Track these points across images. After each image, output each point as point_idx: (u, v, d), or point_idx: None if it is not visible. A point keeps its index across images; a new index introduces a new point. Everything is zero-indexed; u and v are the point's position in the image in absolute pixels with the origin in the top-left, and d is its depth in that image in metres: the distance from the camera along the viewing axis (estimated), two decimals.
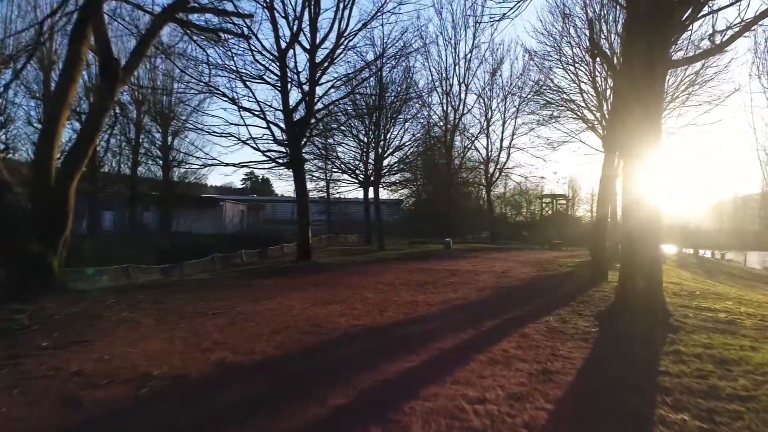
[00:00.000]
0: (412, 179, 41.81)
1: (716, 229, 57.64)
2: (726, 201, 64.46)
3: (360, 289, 10.97)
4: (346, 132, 29.74)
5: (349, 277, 13.37)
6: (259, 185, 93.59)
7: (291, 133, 18.50)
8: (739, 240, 48.93)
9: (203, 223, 48.25)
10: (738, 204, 61.04)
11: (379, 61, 19.74)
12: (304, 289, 10.85)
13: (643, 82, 7.87)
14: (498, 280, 13.33)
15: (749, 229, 57.77)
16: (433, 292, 10.73)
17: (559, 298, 10.36)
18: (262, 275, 14.05)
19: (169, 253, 29.96)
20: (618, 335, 6.67)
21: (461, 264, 17.94)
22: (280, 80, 18.34)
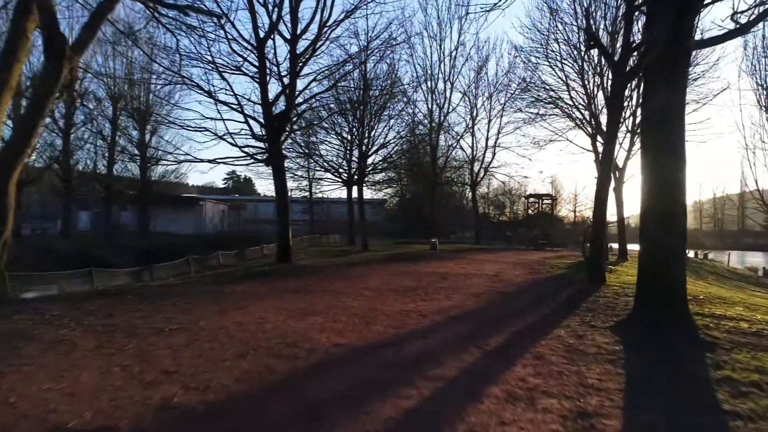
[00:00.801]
0: (396, 179, 40.71)
1: (695, 229, 57.78)
2: (705, 201, 64.77)
3: (343, 296, 9.79)
4: (329, 129, 28.53)
5: (332, 281, 12.18)
6: (242, 185, 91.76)
7: (270, 128, 17.22)
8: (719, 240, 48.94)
9: (182, 223, 46.69)
10: (717, 204, 61.29)
11: (363, 54, 18.56)
12: (280, 296, 9.63)
13: (669, 60, 6.85)
14: (492, 284, 12.26)
15: (728, 229, 58.07)
16: (424, 299, 9.60)
17: (563, 306, 9.34)
18: (237, 280, 12.78)
19: (146, 254, 28.49)
20: (649, 356, 5.60)
21: (450, 266, 16.85)
22: (258, 71, 17.06)
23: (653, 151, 7.02)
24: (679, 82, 6.96)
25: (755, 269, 36.13)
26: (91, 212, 47.94)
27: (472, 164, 38.07)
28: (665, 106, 6.86)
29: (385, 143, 28.80)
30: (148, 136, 42.07)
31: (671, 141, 6.86)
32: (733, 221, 62.17)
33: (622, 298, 10.09)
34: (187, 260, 19.02)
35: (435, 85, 35.26)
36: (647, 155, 7.17)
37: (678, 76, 6.91)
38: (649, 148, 7.16)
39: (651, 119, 7.12)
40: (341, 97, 24.30)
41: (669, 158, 6.84)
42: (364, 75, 23.50)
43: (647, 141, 7.20)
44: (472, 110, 37.05)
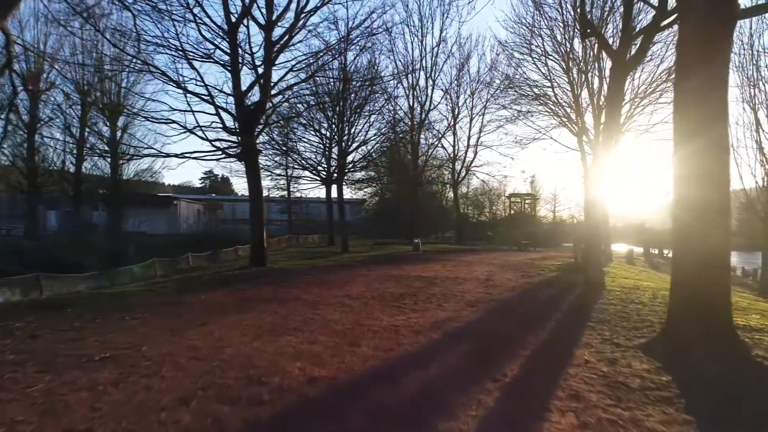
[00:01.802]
0: (376, 177, 39.40)
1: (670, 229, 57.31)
2: None
3: (322, 306, 8.43)
4: (307, 125, 27.08)
5: (309, 288, 10.78)
6: (219, 184, 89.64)
7: (243, 121, 15.74)
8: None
9: (156, 223, 44.79)
10: None
11: (343, 44, 17.17)
12: (249, 308, 8.22)
13: (709, 35, 5.67)
14: (486, 290, 11.02)
15: None
16: (414, 310, 8.30)
17: (570, 316, 8.16)
18: (203, 286, 11.30)
19: (116, 255, 26.62)
20: (711, 390, 4.38)
21: (436, 269, 15.60)
22: (230, 59, 15.56)
23: (690, 136, 5.83)
24: (722, 56, 5.79)
25: (734, 269, 35.79)
26: (61, 212, 45.60)
27: (453, 163, 36.99)
28: (705, 84, 5.68)
29: (365, 140, 27.46)
30: (119, 133, 39.87)
31: (713, 124, 5.69)
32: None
33: (632, 306, 9.00)
34: (152, 263, 17.39)
35: (416, 82, 34.08)
36: (683, 142, 5.98)
37: (721, 47, 5.74)
38: (684, 133, 5.96)
39: (687, 100, 5.94)
40: (320, 90, 22.91)
41: (710, 144, 5.67)
42: (344, 68, 22.13)
43: (682, 125, 6.00)
44: (454, 108, 35.99)
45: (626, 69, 12.38)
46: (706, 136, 5.67)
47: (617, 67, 12.19)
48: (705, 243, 5.67)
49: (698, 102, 5.77)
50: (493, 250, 29.39)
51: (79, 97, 36.97)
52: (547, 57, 24.33)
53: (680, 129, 6.05)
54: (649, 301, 9.87)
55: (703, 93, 5.72)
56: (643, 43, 11.94)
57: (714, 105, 5.70)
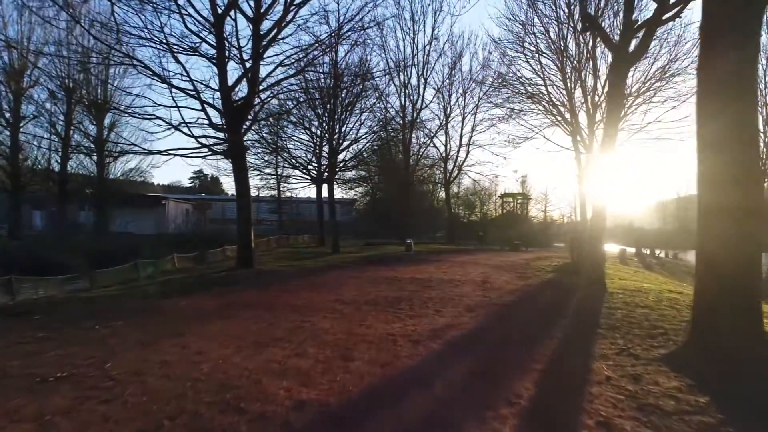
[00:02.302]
0: (367, 177, 38.75)
1: (659, 229, 57.63)
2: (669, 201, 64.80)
3: (312, 312, 7.78)
4: (297, 123, 26.34)
5: (298, 292, 10.12)
6: (209, 184, 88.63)
7: (230, 117, 15.02)
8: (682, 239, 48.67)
9: (143, 223, 43.79)
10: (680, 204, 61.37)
11: (334, 38, 16.49)
12: (233, 315, 7.54)
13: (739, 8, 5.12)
14: (484, 293, 10.43)
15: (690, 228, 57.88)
16: (411, 316, 7.69)
17: (577, 323, 7.60)
18: (186, 290, 10.59)
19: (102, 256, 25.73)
20: (758, 413, 3.81)
21: (431, 270, 15.00)
22: (216, 52, 14.84)
23: (718, 128, 5.26)
24: (753, 37, 5.23)
25: None
26: (46, 212, 44.53)
27: (445, 162, 36.43)
28: (734, 69, 5.12)
29: (357, 138, 26.79)
30: (106, 132, 38.83)
31: (742, 114, 5.14)
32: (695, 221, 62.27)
33: (639, 311, 8.46)
34: (135, 264, 16.60)
35: (408, 80, 33.45)
36: (708, 135, 5.41)
37: (751, 27, 5.19)
38: (710, 125, 5.39)
39: (713, 88, 5.37)
40: (310, 87, 22.20)
41: (740, 137, 5.11)
42: (334, 64, 21.45)
43: (708, 116, 5.43)
44: (446, 107, 35.43)
45: (628, 62, 11.86)
46: (734, 127, 5.11)
47: (619, 60, 11.67)
48: (733, 246, 5.13)
49: (726, 90, 5.21)
50: (485, 251, 28.85)
51: (65, 94, 35.97)
52: (540, 54, 23.88)
53: (704, 121, 5.48)
54: (655, 304, 9.35)
55: (730, 79, 5.16)
56: (645, 37, 11.44)
57: (743, 91, 5.15)
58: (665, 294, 10.91)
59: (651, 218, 60.31)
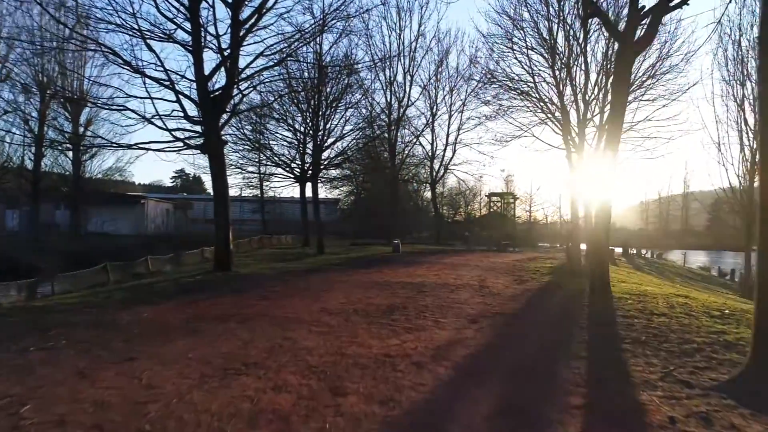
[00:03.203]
0: (352, 176, 37.58)
1: (641, 229, 57.61)
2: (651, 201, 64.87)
3: (294, 326, 6.66)
4: (279, 119, 25.07)
5: (279, 299, 8.98)
6: (191, 183, 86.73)
7: (206, 108, 13.79)
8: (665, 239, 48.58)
9: (121, 223, 42.21)
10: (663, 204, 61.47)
11: (317, 26, 15.28)
12: (201, 330, 6.38)
13: None
14: (483, 300, 9.42)
15: (672, 228, 58.33)
16: (408, 329, 6.63)
17: (596, 335, 6.66)
18: (153, 298, 9.38)
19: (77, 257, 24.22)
20: None
21: (422, 273, 13.96)
22: (192, 38, 13.59)
23: None
24: None
25: (708, 269, 35.29)
26: (20, 211, 42.58)
27: (431, 161, 35.42)
28: None
29: (342, 135, 25.61)
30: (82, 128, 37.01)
31: None
32: (677, 221, 62.82)
33: (658, 320, 7.58)
34: (104, 267, 15.24)
35: (394, 77, 32.38)
36: None
37: None
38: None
39: None
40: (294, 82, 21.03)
41: None
42: (319, 57, 20.24)
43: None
44: (432, 106, 34.42)
45: (634, 51, 10.97)
46: None
47: (624, 49, 10.77)
48: None
49: None
50: (473, 251, 27.96)
51: (38, 88, 34.18)
52: (529, 50, 22.91)
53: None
54: (670, 311, 8.47)
55: None
56: (652, 24, 10.58)
57: None
58: (673, 299, 10.05)
59: (633, 218, 60.19)
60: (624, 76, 11.00)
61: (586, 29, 21.59)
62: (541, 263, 19.08)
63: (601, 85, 22.24)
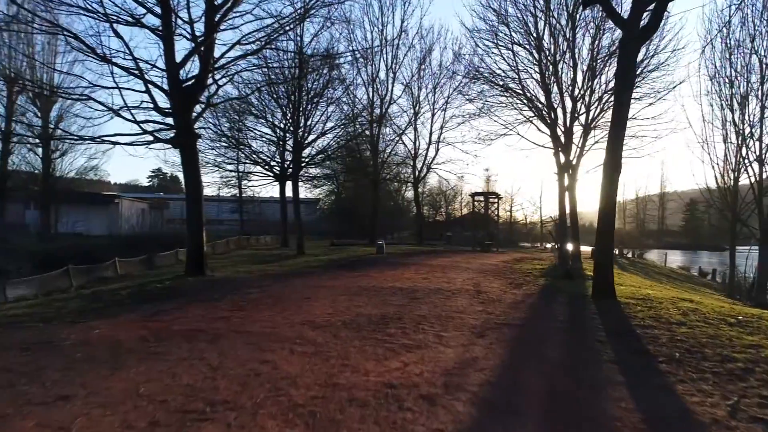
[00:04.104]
0: (332, 175, 36.40)
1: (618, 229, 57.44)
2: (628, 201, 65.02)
3: (274, 345, 5.57)
4: (258, 115, 23.81)
5: (257, 310, 7.83)
6: (168, 183, 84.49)
7: (178, 98, 12.53)
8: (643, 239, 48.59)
9: (94, 222, 40.26)
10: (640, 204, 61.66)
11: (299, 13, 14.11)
12: (160, 353, 5.21)
13: None
14: (484, 307, 8.45)
15: (649, 228, 58.59)
16: (408, 346, 5.61)
17: (621, 351, 5.76)
18: (113, 307, 8.15)
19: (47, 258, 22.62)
20: None
21: (410, 276, 12.95)
22: (162, 21, 12.31)
23: None
24: None
25: (687, 268, 35.14)
26: None
27: (414, 160, 34.44)
28: None
29: (324, 131, 24.44)
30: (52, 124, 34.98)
31: None
32: (653, 220, 63.22)
33: (680, 330, 6.81)
34: (66, 271, 13.86)
35: (376, 73, 31.29)
36: None
37: None
38: None
39: None
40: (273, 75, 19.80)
41: None
42: (300, 49, 19.05)
43: None
44: (415, 104, 33.44)
45: (638, 40, 10.16)
46: None
47: (629, 38, 9.95)
48: None
49: None
50: (456, 251, 27.09)
51: (5, 83, 32.13)
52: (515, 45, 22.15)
53: None
54: (685, 318, 7.70)
55: None
56: (657, 11, 9.77)
57: None
58: (680, 304, 9.31)
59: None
60: (630, 66, 10.16)
61: (574, 25, 21.02)
62: (530, 264, 18.27)
63: (587, 84, 21.66)
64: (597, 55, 21.21)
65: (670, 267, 34.17)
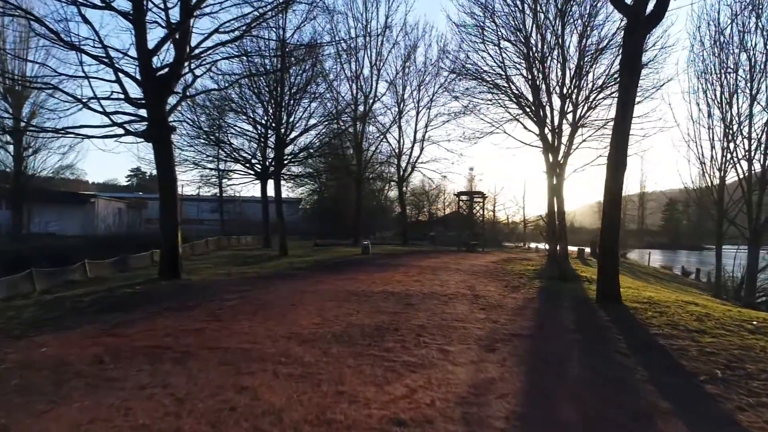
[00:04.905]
0: (315, 174, 35.33)
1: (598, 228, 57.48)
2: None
3: (253, 366, 4.66)
4: (239, 111, 22.71)
5: (234, 320, 6.88)
6: (147, 182, 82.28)
7: (150, 88, 11.48)
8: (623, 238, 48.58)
9: (69, 222, 38.50)
10: None
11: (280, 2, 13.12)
12: (113, 379, 4.25)
13: None
14: (486, 314, 7.65)
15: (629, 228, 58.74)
16: (411, 365, 4.77)
17: (652, 366, 5.04)
18: (69, 319, 7.12)
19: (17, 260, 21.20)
20: None
21: (400, 278, 12.10)
22: (132, 6, 11.26)
23: None
24: None
25: (669, 268, 35.00)
26: None
27: (398, 159, 33.59)
28: None
29: (307, 128, 23.43)
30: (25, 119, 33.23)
31: None
32: (633, 220, 63.54)
33: (703, 340, 6.21)
34: (29, 274, 12.69)
35: (360, 70, 30.34)
36: None
37: None
38: None
39: None
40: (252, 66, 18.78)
41: None
42: (282, 42, 18.03)
43: None
44: (399, 102, 32.59)
45: (644, 27, 9.50)
46: None
47: (634, 25, 9.28)
48: None
49: None
50: (442, 252, 26.35)
51: None
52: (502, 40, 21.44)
53: None
54: (702, 325, 7.04)
55: None
56: None
57: None
58: (688, 308, 8.67)
59: (591, 218, 60.22)
60: (636, 56, 9.49)
61: (564, 21, 20.41)
62: (521, 265, 17.60)
63: (575, 83, 21.08)
64: (585, 52, 20.68)
65: (653, 266, 33.96)
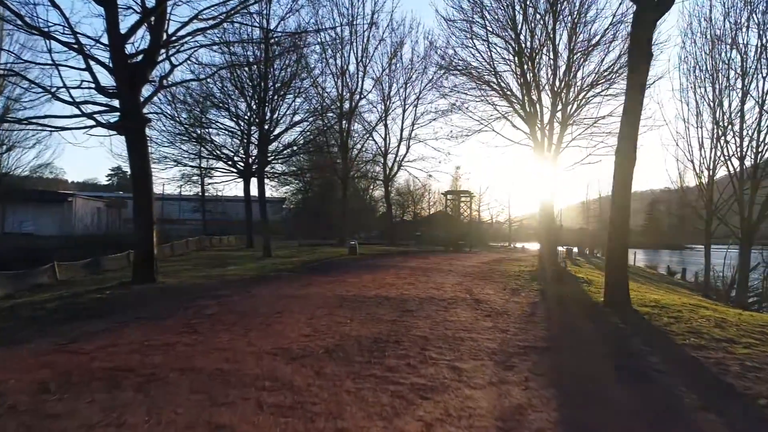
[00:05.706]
0: (299, 172, 34.32)
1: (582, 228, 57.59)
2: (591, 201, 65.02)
3: (231, 392, 3.81)
4: (220, 106, 21.68)
5: (212, 332, 5.99)
6: (128, 181, 79.92)
7: (122, 76, 10.51)
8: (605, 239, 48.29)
9: (45, 222, 37.10)
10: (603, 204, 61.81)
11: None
12: (55, 416, 3.36)
13: None
14: (494, 323, 6.89)
15: None
16: (419, 388, 3.99)
17: (698, 390, 4.33)
18: (21, 331, 6.17)
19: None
20: None
21: (392, 280, 11.31)
22: None
23: None
24: None
25: (654, 267, 34.85)
26: None
27: (384, 157, 32.80)
28: None
29: (291, 124, 22.50)
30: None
31: None
32: None
33: (740, 351, 5.51)
34: None
35: (346, 66, 29.47)
36: None
37: None
38: None
39: None
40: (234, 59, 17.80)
41: None
42: (266, 33, 17.08)
43: None
44: (386, 100, 31.79)
45: (654, 13, 8.86)
46: None
47: (644, 10, 8.66)
48: None
49: None
50: (430, 252, 25.66)
51: None
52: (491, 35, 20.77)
53: None
54: (726, 333, 6.47)
55: None
56: None
57: None
58: (700, 312, 8.08)
59: (574, 218, 60.05)
60: (645, 44, 8.83)
61: (555, 16, 19.85)
62: (513, 266, 16.99)
63: (564, 80, 20.55)
64: (574, 49, 20.15)
65: (638, 266, 33.76)
